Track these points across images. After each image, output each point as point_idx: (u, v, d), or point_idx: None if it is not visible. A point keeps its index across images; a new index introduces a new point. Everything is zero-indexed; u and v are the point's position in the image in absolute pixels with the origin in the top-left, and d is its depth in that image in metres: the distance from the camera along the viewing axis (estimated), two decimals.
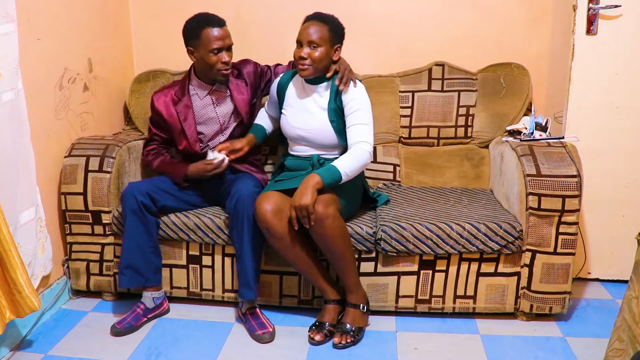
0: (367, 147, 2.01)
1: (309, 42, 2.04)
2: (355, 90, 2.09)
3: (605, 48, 2.24)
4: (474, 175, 2.53)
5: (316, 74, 2.10)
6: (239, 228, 2.01)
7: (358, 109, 2.06)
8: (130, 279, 2.10)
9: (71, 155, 2.22)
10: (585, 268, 2.45)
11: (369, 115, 2.08)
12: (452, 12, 2.67)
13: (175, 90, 2.23)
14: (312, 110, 2.15)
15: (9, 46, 1.88)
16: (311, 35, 2.03)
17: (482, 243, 2.04)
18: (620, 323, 1.52)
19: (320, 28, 2.05)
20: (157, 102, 2.23)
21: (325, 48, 2.05)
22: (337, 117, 2.12)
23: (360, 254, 2.10)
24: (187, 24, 2.14)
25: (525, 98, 2.52)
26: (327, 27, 2.05)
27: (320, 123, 2.13)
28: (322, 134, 2.14)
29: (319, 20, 2.07)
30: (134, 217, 2.07)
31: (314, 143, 2.17)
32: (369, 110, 2.09)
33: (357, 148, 2.01)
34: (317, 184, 1.90)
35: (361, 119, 2.05)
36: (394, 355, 1.93)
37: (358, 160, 1.99)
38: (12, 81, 1.90)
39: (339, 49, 2.10)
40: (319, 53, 2.04)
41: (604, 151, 2.33)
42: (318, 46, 2.03)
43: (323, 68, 2.09)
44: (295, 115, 2.19)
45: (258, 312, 2.10)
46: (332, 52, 2.08)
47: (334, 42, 2.07)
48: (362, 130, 2.04)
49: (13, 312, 1.83)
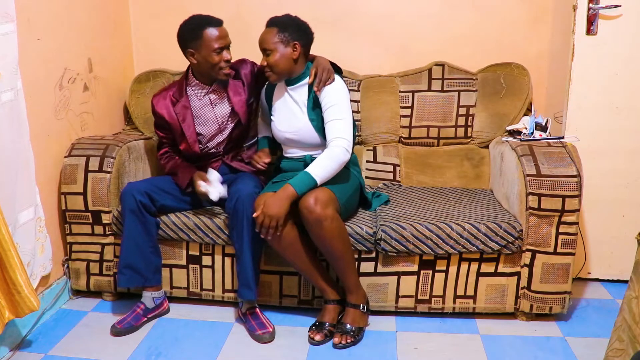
0: (343, 143, 1.99)
1: (263, 50, 2.08)
2: (331, 86, 2.07)
3: (605, 48, 2.24)
4: (474, 175, 2.53)
5: (281, 77, 2.11)
6: (238, 228, 2.01)
7: (333, 104, 2.04)
8: (129, 278, 2.10)
9: (71, 155, 2.22)
10: (585, 268, 2.45)
11: (346, 109, 2.05)
12: (452, 12, 2.67)
13: (173, 92, 2.23)
14: (295, 111, 2.16)
15: (8, 46, 1.88)
16: (262, 43, 2.07)
17: (482, 243, 2.04)
18: (620, 323, 1.51)
19: (268, 33, 2.06)
20: (157, 105, 2.23)
21: (280, 51, 2.05)
22: (317, 116, 2.11)
23: (360, 254, 2.10)
24: (185, 27, 2.13)
25: (525, 98, 2.52)
26: (276, 30, 2.05)
27: (302, 123, 2.13)
28: (306, 134, 2.13)
29: (268, 25, 2.09)
30: (133, 217, 2.06)
31: (301, 144, 2.17)
32: (345, 104, 2.06)
33: (332, 146, 1.99)
34: (292, 195, 1.91)
35: (336, 114, 2.03)
36: (394, 355, 1.93)
37: (333, 160, 1.97)
38: (12, 81, 1.90)
39: (297, 46, 2.07)
40: (273, 58, 2.05)
41: (604, 151, 2.33)
42: (271, 51, 2.05)
43: (286, 70, 2.09)
44: (281, 119, 2.20)
45: (258, 312, 2.10)
46: (289, 51, 2.06)
47: (286, 41, 2.05)
48: (337, 126, 2.01)
49: (12, 312, 1.83)
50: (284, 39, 2.05)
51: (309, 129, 2.12)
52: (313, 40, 2.14)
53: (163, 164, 2.30)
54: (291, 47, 2.06)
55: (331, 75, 2.09)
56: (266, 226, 1.89)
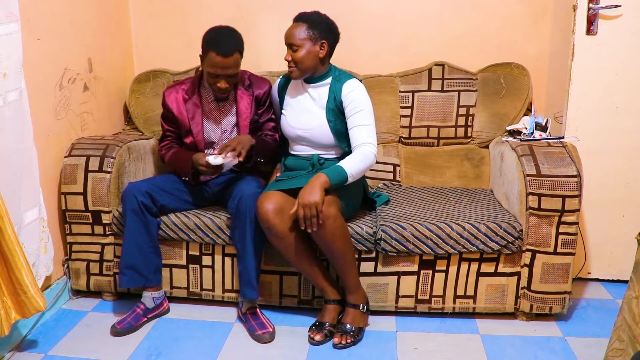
0: (372, 149, 2.02)
1: (289, 45, 2.08)
2: (356, 91, 2.09)
3: (605, 48, 2.24)
4: (474, 175, 2.53)
5: (304, 74, 2.11)
6: (241, 228, 2.01)
7: (360, 110, 2.06)
8: (130, 278, 2.10)
9: (71, 155, 2.22)
10: (585, 268, 2.45)
11: (371, 115, 2.08)
12: (452, 12, 2.67)
13: (186, 88, 2.24)
14: (311, 109, 2.16)
15: (12, 46, 1.87)
16: (290, 37, 2.07)
17: (482, 243, 2.04)
18: (620, 323, 1.51)
19: (298, 29, 2.06)
20: (168, 97, 2.23)
21: (307, 47, 2.05)
22: (335, 118, 2.12)
23: (360, 254, 2.10)
24: (205, 35, 2.10)
25: (525, 98, 2.52)
26: (306, 26, 2.06)
27: (318, 122, 2.14)
28: (320, 133, 2.14)
29: (298, 20, 2.09)
30: (134, 217, 2.06)
31: (312, 142, 2.17)
32: (370, 110, 2.09)
33: (362, 149, 2.01)
34: (325, 183, 1.90)
35: (364, 120, 2.05)
36: (394, 355, 1.93)
37: (364, 162, 2.00)
38: (17, 81, 1.90)
39: (324, 45, 2.08)
40: (300, 54, 2.05)
41: (604, 151, 2.33)
42: (298, 47, 2.05)
43: (311, 67, 2.09)
44: (294, 115, 2.19)
45: (258, 312, 2.10)
46: (317, 49, 2.07)
47: (315, 39, 2.06)
48: (366, 132, 2.04)
49: (19, 312, 1.83)
50: (313, 36, 2.06)
51: (324, 129, 2.13)
52: (339, 41, 2.15)
53: (162, 154, 2.30)
54: (319, 45, 2.07)
55: (242, 151, 2.06)
56: (308, 216, 1.86)
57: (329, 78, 2.15)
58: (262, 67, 2.68)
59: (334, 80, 2.13)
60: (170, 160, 2.27)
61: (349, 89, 2.09)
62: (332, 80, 2.14)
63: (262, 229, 1.97)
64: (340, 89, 2.10)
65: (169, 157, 2.27)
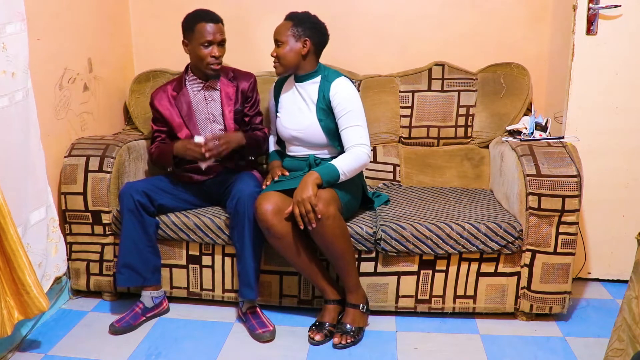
0: (365, 150, 2.04)
1: (275, 41, 2.13)
2: (343, 90, 2.09)
3: (605, 48, 2.24)
4: (474, 175, 2.53)
5: (287, 70, 2.14)
6: (239, 228, 2.02)
7: (349, 111, 2.07)
8: (127, 278, 2.10)
9: (71, 155, 2.22)
10: (585, 268, 2.45)
11: (361, 115, 2.09)
12: (452, 12, 2.67)
13: (172, 86, 2.29)
14: (302, 108, 2.17)
15: (20, 45, 1.86)
16: (276, 34, 2.13)
17: (482, 243, 2.04)
18: (620, 323, 1.51)
19: (283, 26, 2.12)
20: (155, 98, 2.28)
21: (289, 44, 2.09)
22: (326, 117, 2.13)
23: (360, 254, 2.10)
24: (185, 18, 2.21)
25: (525, 98, 2.52)
26: (291, 23, 2.10)
27: (309, 121, 2.14)
28: (312, 133, 2.15)
29: (286, 18, 2.14)
30: (131, 216, 2.07)
31: (306, 143, 2.18)
32: (359, 109, 2.09)
33: (355, 149, 2.02)
34: (316, 179, 1.92)
35: (353, 120, 2.06)
36: (394, 355, 1.93)
37: (357, 160, 2.01)
38: (23, 80, 1.89)
39: (307, 42, 2.10)
40: (282, 50, 2.10)
41: (604, 151, 2.33)
42: (282, 43, 2.10)
43: (293, 63, 2.12)
44: (287, 116, 2.21)
45: (258, 311, 2.10)
46: (299, 46, 2.10)
47: (298, 36, 2.09)
48: (357, 133, 2.06)
49: (21, 312, 1.82)
50: (296, 33, 2.09)
51: (315, 128, 2.13)
52: (327, 42, 2.18)
53: (151, 152, 2.31)
54: (301, 42, 2.10)
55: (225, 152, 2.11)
56: (304, 213, 1.87)
57: (317, 77, 2.16)
58: (262, 67, 2.67)
59: (323, 79, 2.14)
60: (155, 157, 2.28)
61: (335, 88, 2.10)
62: (321, 79, 2.15)
63: (261, 229, 1.97)
64: (329, 88, 2.11)
65: (155, 155, 2.28)
